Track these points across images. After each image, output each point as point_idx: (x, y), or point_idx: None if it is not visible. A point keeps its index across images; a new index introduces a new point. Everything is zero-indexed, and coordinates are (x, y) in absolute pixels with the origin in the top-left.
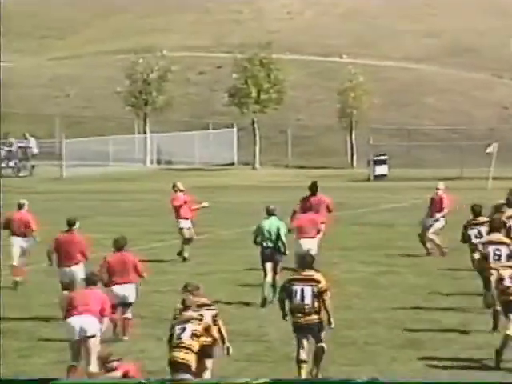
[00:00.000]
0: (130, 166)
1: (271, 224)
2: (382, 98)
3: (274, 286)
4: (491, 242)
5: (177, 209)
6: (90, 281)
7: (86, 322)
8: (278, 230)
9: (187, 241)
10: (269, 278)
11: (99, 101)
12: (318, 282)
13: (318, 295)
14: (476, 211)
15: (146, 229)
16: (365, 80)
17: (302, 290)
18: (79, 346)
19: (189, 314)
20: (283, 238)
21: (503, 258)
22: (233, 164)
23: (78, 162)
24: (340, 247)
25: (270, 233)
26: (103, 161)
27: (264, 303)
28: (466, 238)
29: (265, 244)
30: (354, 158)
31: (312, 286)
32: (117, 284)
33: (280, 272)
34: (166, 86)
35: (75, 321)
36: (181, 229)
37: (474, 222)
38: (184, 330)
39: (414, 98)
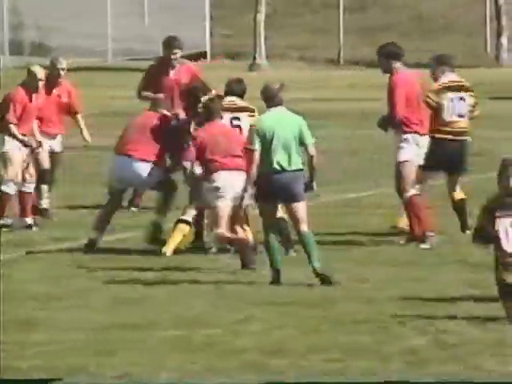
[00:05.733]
0: None
1: (284, 120)
2: None
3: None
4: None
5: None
6: None
7: None
8: (301, 132)
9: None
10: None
11: None
12: None
13: None
14: None
15: None
16: None
17: None
18: None
19: None
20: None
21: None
22: (204, 55)
23: None
24: None
25: (286, 141)
26: None
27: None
28: None
29: (275, 165)
30: (503, 41)
31: None
32: None
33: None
34: None
35: None
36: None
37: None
38: None
39: None
